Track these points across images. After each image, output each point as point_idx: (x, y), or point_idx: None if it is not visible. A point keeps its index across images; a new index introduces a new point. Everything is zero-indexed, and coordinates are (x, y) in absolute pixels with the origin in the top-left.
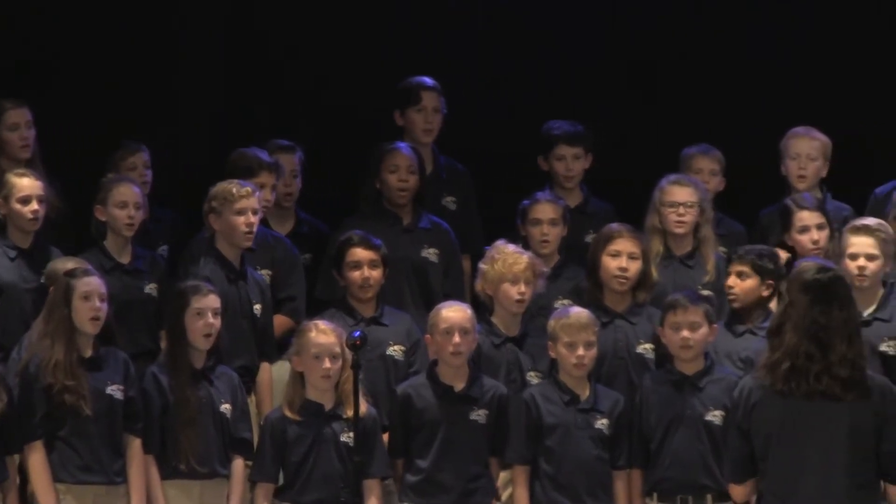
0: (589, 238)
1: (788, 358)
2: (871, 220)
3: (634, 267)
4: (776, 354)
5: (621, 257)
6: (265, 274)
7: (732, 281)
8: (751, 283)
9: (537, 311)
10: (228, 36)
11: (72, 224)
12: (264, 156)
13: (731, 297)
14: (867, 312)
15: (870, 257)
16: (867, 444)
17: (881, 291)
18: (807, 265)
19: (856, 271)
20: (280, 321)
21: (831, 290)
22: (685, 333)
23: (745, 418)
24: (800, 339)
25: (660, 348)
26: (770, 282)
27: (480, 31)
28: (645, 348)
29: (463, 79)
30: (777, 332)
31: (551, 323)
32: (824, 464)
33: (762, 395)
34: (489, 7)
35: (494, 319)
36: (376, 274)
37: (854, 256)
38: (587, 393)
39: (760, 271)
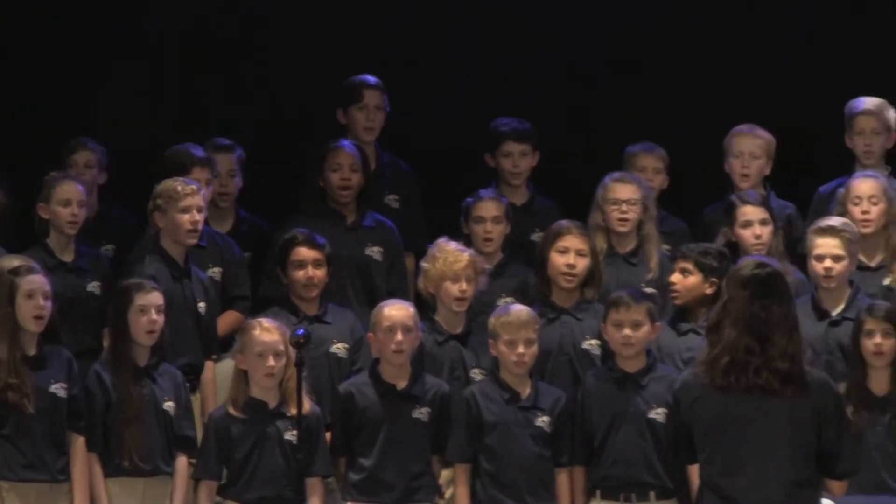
0: (534, 236)
1: (728, 353)
2: (835, 221)
3: (582, 264)
4: (715, 350)
5: (569, 254)
6: (215, 272)
7: (675, 278)
8: (694, 280)
9: (480, 309)
10: (175, 34)
11: (19, 221)
12: (198, 152)
13: (674, 293)
14: (835, 312)
15: (836, 258)
16: (806, 439)
17: (848, 291)
18: (746, 262)
19: (822, 272)
20: (233, 318)
21: (770, 285)
22: (627, 331)
23: (685, 413)
24: (739, 334)
25: (606, 345)
26: (713, 280)
27: (423, 29)
28: (591, 344)
29: (407, 76)
30: (716, 328)
31: (491, 321)
32: (764, 458)
33: (702, 391)
34: (432, 4)
35: (437, 317)
36: (320, 273)
37: (820, 258)
38: (528, 391)
39: (704, 269)
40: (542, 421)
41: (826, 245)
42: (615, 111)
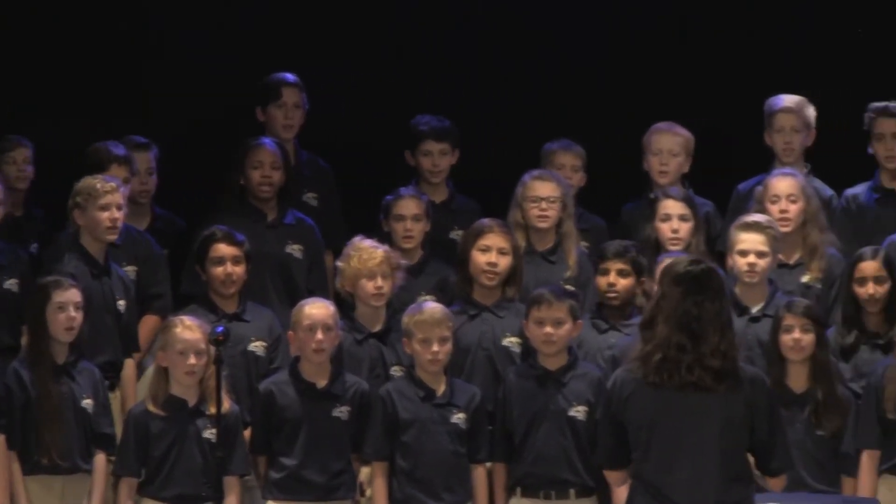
0: (454, 234)
1: (660, 350)
2: (760, 217)
3: (504, 262)
4: (648, 346)
5: (491, 252)
6: (131, 270)
7: (614, 279)
8: (631, 280)
9: (400, 307)
10: (92, 31)
11: None
12: (116, 149)
13: (612, 294)
14: (756, 309)
15: (760, 254)
16: (740, 436)
17: (768, 289)
18: (678, 258)
19: (746, 268)
20: (152, 322)
21: (703, 282)
22: (549, 329)
23: (619, 410)
24: (672, 331)
25: (527, 342)
26: (642, 279)
27: (342, 26)
28: (511, 341)
29: (325, 74)
30: (649, 325)
31: (405, 319)
32: (697, 455)
33: (635, 387)
34: (350, 2)
35: (357, 315)
36: (239, 270)
37: (744, 253)
38: (443, 388)
39: (638, 268)
40: (458, 418)
41: (751, 241)
42: (533, 109)
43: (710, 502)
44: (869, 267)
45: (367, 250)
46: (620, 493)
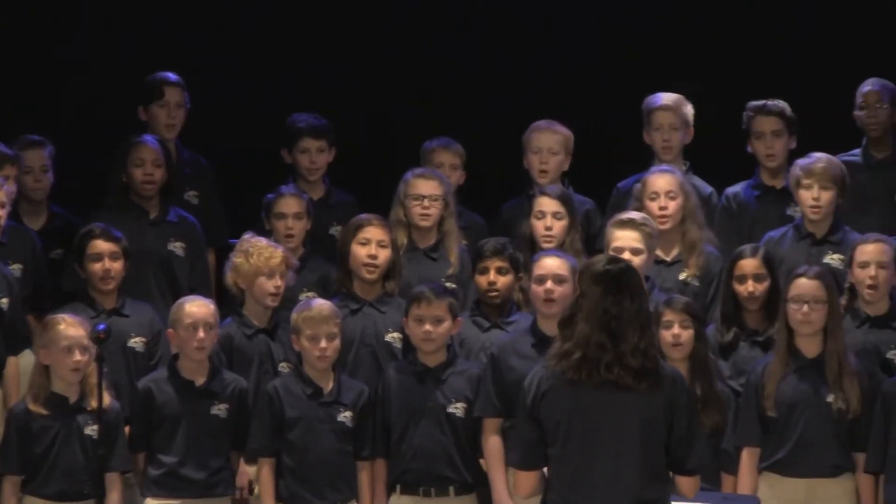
0: (333, 230)
1: (580, 348)
2: (636, 215)
3: (384, 255)
4: (567, 344)
5: (370, 245)
6: (17, 268)
7: (493, 277)
8: (510, 277)
9: (284, 304)
10: None
11: None
12: (3, 148)
13: (494, 293)
14: None
15: (635, 251)
16: (658, 435)
17: (645, 286)
18: (599, 257)
19: None
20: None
21: (623, 280)
22: (428, 327)
23: (535, 407)
24: (591, 330)
25: (407, 339)
26: (521, 276)
27: (223, 26)
28: (393, 337)
29: (206, 74)
30: (569, 323)
31: (294, 316)
32: (615, 454)
33: (553, 384)
34: (231, 2)
35: (246, 311)
36: (117, 265)
37: (619, 250)
38: (331, 385)
39: (517, 266)
40: (345, 416)
41: (625, 238)
42: (412, 106)
43: (627, 500)
44: (749, 265)
45: (266, 249)
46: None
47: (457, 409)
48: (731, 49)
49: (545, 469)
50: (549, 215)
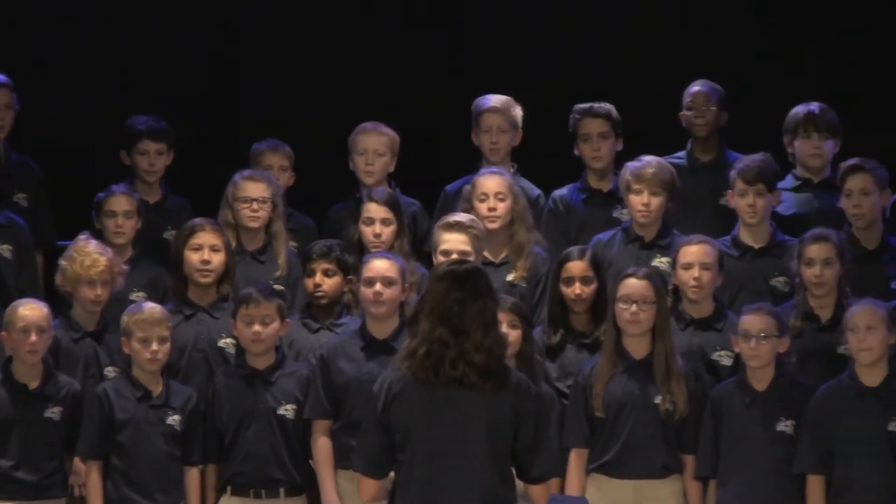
0: (167, 234)
1: (424, 344)
2: (462, 217)
3: (217, 259)
4: (414, 342)
5: (203, 250)
6: None
7: (320, 279)
8: (338, 279)
9: (114, 305)
10: None
11: None
12: None
13: (320, 294)
14: None
15: (462, 254)
16: (506, 438)
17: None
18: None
19: None
20: None
21: (466, 280)
22: (257, 328)
23: (385, 410)
24: (434, 326)
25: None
26: (350, 277)
27: (55, 27)
28: (226, 342)
29: (36, 75)
30: (414, 321)
31: (125, 318)
32: (464, 456)
33: (403, 385)
34: (64, 4)
35: (73, 314)
36: None
37: (447, 253)
38: (160, 389)
39: (345, 268)
40: (174, 419)
41: (453, 240)
42: (241, 108)
43: (479, 503)
44: (576, 267)
45: (90, 256)
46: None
47: (287, 410)
48: (559, 52)
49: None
50: (377, 221)
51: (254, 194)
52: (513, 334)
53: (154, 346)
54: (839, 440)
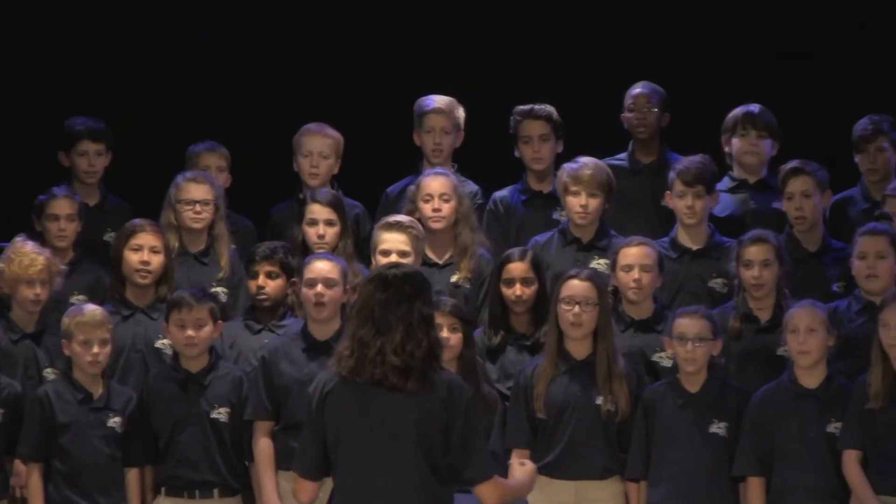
0: (107, 236)
1: (350, 342)
2: (402, 218)
3: (157, 261)
4: (344, 342)
5: (143, 251)
6: None
7: (263, 281)
8: (281, 281)
9: (53, 306)
10: None
11: None
12: None
13: (262, 296)
14: None
15: (402, 254)
16: (436, 439)
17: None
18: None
19: None
20: None
21: (392, 283)
22: (190, 332)
23: (319, 410)
24: (359, 325)
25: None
26: (293, 279)
27: None
28: (163, 343)
29: None
30: (347, 321)
31: (66, 320)
32: (393, 458)
33: (334, 384)
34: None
35: (12, 315)
36: None
37: (386, 253)
38: (101, 391)
39: (288, 269)
40: (115, 421)
41: (392, 241)
42: (179, 110)
43: None
44: (517, 268)
45: (28, 256)
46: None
47: (220, 414)
48: (498, 53)
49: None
50: (321, 223)
51: (197, 196)
52: (453, 338)
53: (95, 349)
54: (778, 442)
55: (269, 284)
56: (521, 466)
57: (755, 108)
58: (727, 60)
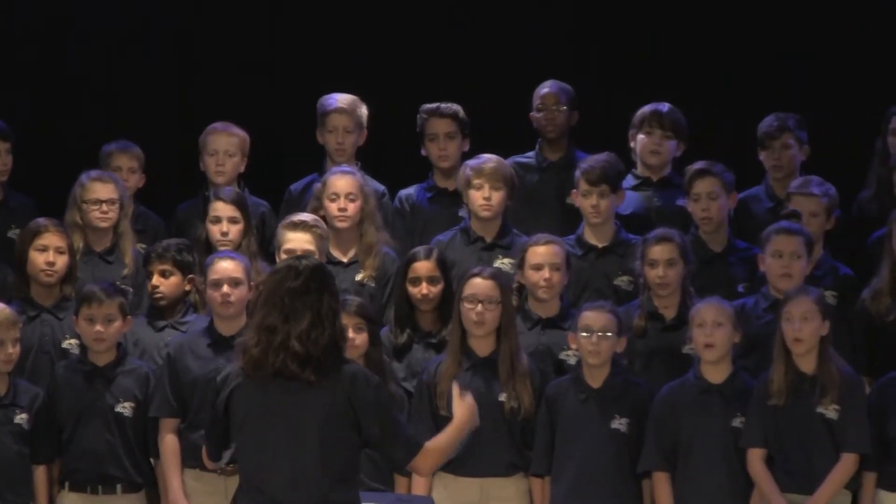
0: (11, 234)
1: (256, 333)
2: (306, 216)
3: (62, 261)
4: (248, 333)
5: (48, 252)
6: None
7: (157, 280)
8: (175, 279)
9: None
10: None
11: None
12: None
13: (158, 295)
14: None
15: (305, 253)
16: (343, 435)
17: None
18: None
19: None
20: None
21: (306, 272)
22: (99, 327)
23: (223, 404)
24: (264, 315)
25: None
26: (191, 276)
27: None
28: (70, 343)
29: None
30: (252, 313)
31: None
32: (294, 454)
33: (239, 379)
34: None
35: None
36: None
37: (291, 252)
38: (6, 388)
39: (182, 267)
40: (21, 418)
41: (297, 239)
42: (90, 108)
43: (311, 502)
44: (423, 267)
45: None
46: None
47: (125, 408)
48: (407, 51)
49: None
50: (224, 220)
51: (103, 196)
52: (359, 338)
53: (9, 349)
54: (683, 437)
55: (162, 283)
56: (460, 400)
57: (664, 107)
58: (636, 57)
